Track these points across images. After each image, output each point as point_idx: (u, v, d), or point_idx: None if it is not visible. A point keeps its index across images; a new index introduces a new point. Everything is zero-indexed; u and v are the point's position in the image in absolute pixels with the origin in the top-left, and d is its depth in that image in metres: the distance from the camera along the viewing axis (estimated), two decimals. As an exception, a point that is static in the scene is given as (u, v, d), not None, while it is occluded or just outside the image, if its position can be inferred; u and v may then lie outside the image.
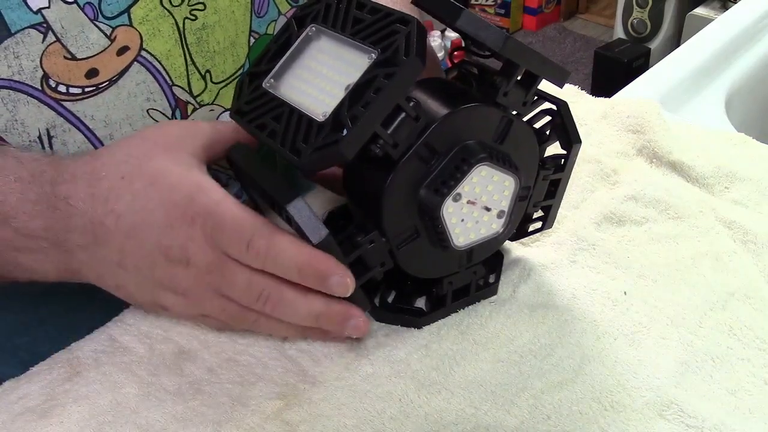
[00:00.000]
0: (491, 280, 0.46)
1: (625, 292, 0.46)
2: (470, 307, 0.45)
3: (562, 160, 0.45)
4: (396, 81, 0.35)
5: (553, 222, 0.48)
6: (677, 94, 0.71)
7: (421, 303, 0.45)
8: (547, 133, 0.44)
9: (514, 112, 0.41)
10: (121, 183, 0.38)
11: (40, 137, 0.43)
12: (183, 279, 0.38)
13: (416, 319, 0.44)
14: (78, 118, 0.44)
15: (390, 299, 0.45)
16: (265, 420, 0.38)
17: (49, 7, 0.40)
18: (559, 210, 0.48)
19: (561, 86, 0.41)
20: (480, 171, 0.38)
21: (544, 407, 0.39)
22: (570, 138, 0.44)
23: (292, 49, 0.40)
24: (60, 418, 0.38)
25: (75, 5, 0.41)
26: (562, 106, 0.44)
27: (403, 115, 0.36)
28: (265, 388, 0.40)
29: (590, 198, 0.54)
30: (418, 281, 0.44)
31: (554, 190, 0.46)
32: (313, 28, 0.40)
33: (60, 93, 0.42)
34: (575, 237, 0.50)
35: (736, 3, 0.88)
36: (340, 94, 0.36)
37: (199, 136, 0.41)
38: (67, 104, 0.43)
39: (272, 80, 0.40)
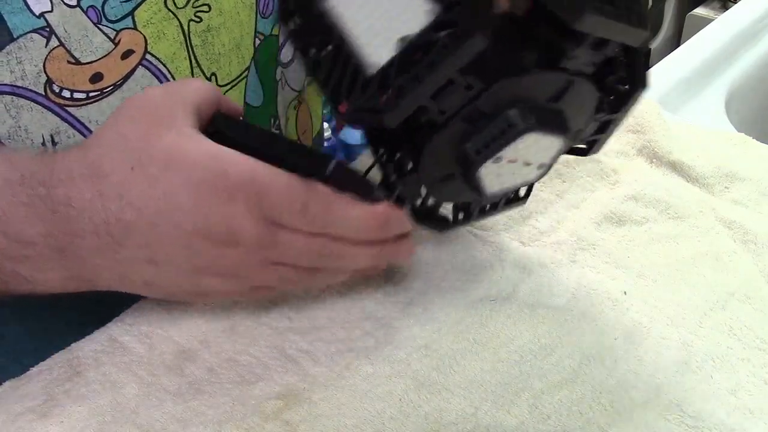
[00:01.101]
0: (522, 193, 0.45)
1: (625, 292, 0.46)
2: (470, 307, 0.45)
3: (620, 102, 0.41)
4: (455, 57, 0.32)
5: (599, 150, 0.44)
6: (677, 94, 0.71)
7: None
8: (610, 80, 0.40)
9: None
10: (132, 174, 0.36)
11: (44, 143, 0.42)
12: (230, 259, 0.37)
13: (443, 224, 0.43)
14: (82, 124, 0.43)
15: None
16: (265, 420, 0.38)
17: (52, 11, 0.40)
18: (559, 210, 0.48)
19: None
20: (526, 138, 0.36)
21: (544, 407, 0.39)
22: (635, 81, 0.39)
23: None
24: (60, 418, 0.38)
25: (78, 9, 0.40)
26: (635, 50, 0.39)
27: (453, 86, 0.34)
28: (265, 388, 0.40)
29: (590, 198, 0.54)
30: None
31: (606, 127, 0.42)
32: None
33: (64, 98, 0.42)
34: (575, 237, 0.50)
35: (736, 3, 0.88)
36: (392, 43, 0.33)
37: (188, 101, 0.38)
38: (71, 109, 0.42)
39: None
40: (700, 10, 1.87)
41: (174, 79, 0.46)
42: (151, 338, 0.43)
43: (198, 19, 0.46)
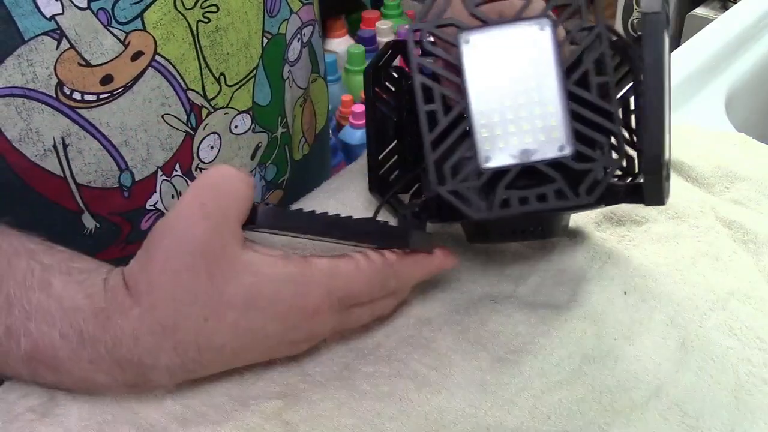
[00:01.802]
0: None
1: (625, 292, 0.46)
2: (470, 307, 0.45)
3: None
4: (562, 209, 0.38)
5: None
6: (677, 94, 0.70)
7: None
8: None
9: None
10: (207, 325, 0.35)
11: (55, 146, 0.42)
12: (305, 347, 0.40)
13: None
14: (93, 126, 0.43)
15: None
16: (265, 420, 0.38)
17: (62, 14, 0.39)
18: None
19: None
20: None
21: (544, 407, 0.39)
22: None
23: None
24: (60, 418, 0.38)
25: (89, 11, 0.40)
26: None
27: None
28: (265, 388, 0.40)
29: (590, 198, 0.54)
30: None
31: None
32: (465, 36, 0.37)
33: (75, 100, 0.42)
34: (575, 237, 0.50)
35: (736, 3, 0.88)
36: (512, 149, 0.37)
37: (232, 222, 0.35)
38: (82, 111, 0.42)
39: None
40: (700, 10, 1.87)
41: (184, 80, 0.45)
42: (151, 338, 0.43)
43: (206, 20, 0.46)
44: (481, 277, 0.47)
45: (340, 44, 1.58)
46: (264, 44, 0.51)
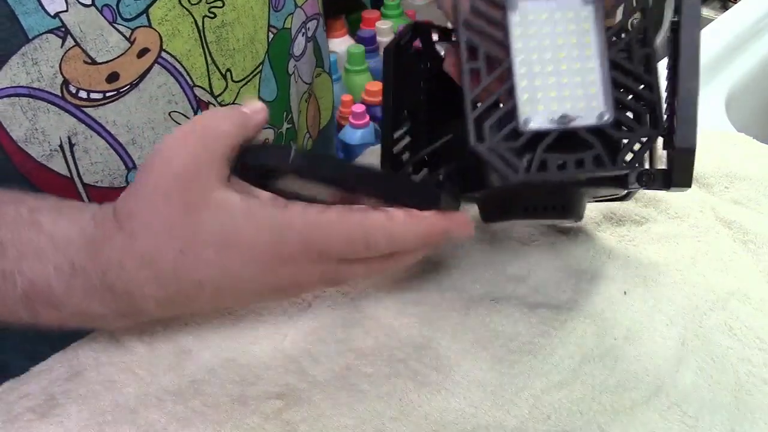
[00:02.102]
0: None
1: (625, 292, 0.46)
2: (470, 307, 0.45)
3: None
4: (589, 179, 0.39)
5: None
6: (677, 94, 0.70)
7: None
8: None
9: None
10: (184, 257, 0.35)
11: (61, 146, 0.42)
12: (293, 294, 0.41)
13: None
14: (100, 124, 0.43)
15: None
16: (265, 420, 0.38)
17: (67, 11, 0.39)
18: None
19: None
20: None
21: (544, 407, 0.39)
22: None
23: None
24: (60, 418, 0.38)
25: (93, 8, 0.40)
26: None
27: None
28: (265, 388, 0.40)
29: (590, 198, 0.54)
30: None
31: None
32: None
33: (81, 99, 0.42)
34: (575, 237, 0.50)
35: (736, 3, 0.88)
36: (550, 112, 0.36)
37: (217, 156, 0.35)
38: (88, 110, 0.42)
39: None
40: (700, 10, 1.86)
41: (190, 77, 0.45)
42: (151, 338, 0.43)
43: (212, 15, 0.45)
44: (481, 277, 0.47)
45: (340, 44, 1.57)
46: (269, 39, 0.50)
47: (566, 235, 0.50)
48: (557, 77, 0.37)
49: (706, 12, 1.83)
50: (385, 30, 1.64)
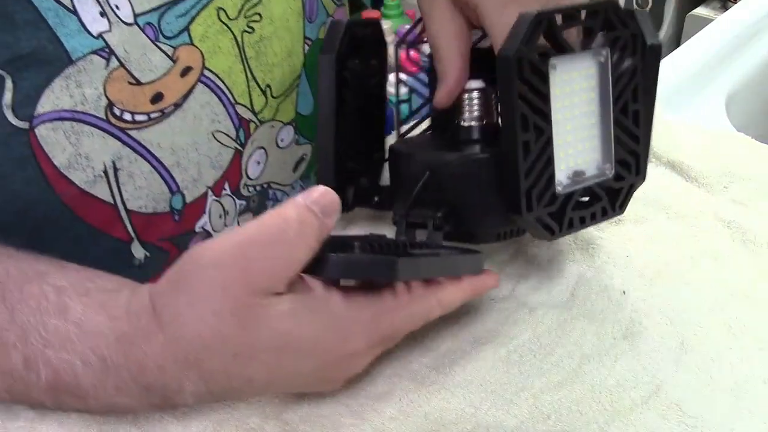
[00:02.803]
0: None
1: (624, 292, 0.46)
2: (470, 306, 0.45)
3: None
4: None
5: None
6: (677, 94, 0.71)
7: None
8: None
9: None
10: (236, 360, 0.33)
11: (105, 171, 0.40)
12: (343, 378, 0.39)
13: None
14: (144, 147, 0.41)
15: None
16: (265, 420, 0.39)
17: (110, 31, 0.38)
18: None
19: None
20: None
21: (543, 407, 0.39)
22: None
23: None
24: (60, 418, 0.38)
25: (135, 26, 0.39)
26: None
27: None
28: (265, 387, 0.40)
29: (590, 198, 0.54)
30: None
31: None
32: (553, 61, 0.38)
33: (125, 121, 0.40)
34: (574, 237, 0.50)
35: (736, 3, 0.88)
36: (570, 172, 0.40)
37: (276, 272, 0.33)
38: (132, 133, 0.41)
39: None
40: (700, 10, 1.86)
41: (232, 94, 0.44)
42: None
43: (250, 30, 0.45)
44: (480, 277, 0.47)
45: (340, 44, 1.58)
46: (305, 51, 0.50)
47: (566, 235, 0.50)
48: (573, 134, 0.40)
49: (706, 12, 1.83)
50: (385, 30, 1.63)
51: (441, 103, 0.44)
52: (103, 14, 0.38)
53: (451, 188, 0.42)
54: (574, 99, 0.39)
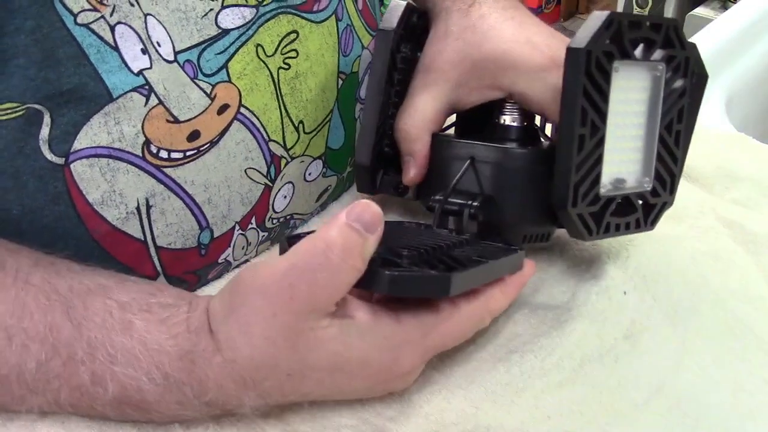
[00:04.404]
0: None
1: (625, 292, 0.46)
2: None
3: None
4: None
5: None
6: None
7: None
8: None
9: None
10: (290, 380, 0.35)
11: (138, 208, 0.40)
12: (391, 392, 0.40)
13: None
14: (179, 185, 0.41)
15: None
16: (265, 420, 0.38)
17: (150, 68, 0.38)
18: None
19: None
20: None
21: (544, 407, 0.39)
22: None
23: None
24: (60, 418, 0.38)
25: (175, 64, 0.39)
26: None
27: None
28: (265, 388, 0.40)
29: (590, 198, 0.54)
30: None
31: None
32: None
33: (161, 159, 0.40)
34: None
35: (736, 3, 0.88)
36: (613, 179, 0.41)
37: (323, 298, 0.34)
38: (167, 170, 0.40)
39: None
40: (700, 10, 1.86)
41: (266, 131, 0.44)
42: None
43: (287, 66, 0.44)
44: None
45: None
46: (339, 86, 0.49)
47: (566, 235, 0.50)
48: (620, 142, 0.41)
49: (706, 12, 1.83)
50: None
51: (415, 181, 0.48)
52: (144, 51, 0.38)
53: (491, 179, 0.43)
54: (627, 107, 0.40)
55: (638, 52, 0.40)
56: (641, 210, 0.43)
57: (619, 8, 2.35)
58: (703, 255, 0.49)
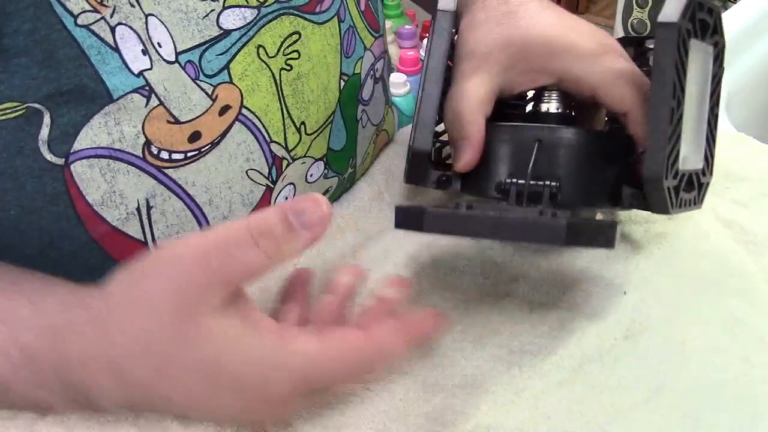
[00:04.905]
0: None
1: (625, 292, 0.46)
2: (470, 306, 0.45)
3: None
4: None
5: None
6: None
7: None
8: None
9: None
10: (159, 377, 0.32)
11: (138, 209, 0.40)
12: (268, 426, 0.37)
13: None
14: (179, 186, 0.41)
15: None
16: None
17: (151, 69, 0.38)
18: None
19: None
20: None
21: (544, 407, 0.39)
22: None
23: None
24: (60, 418, 0.38)
25: (176, 65, 0.39)
26: None
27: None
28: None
29: (590, 198, 0.54)
30: None
31: None
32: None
33: (162, 160, 0.40)
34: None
35: (736, 3, 0.88)
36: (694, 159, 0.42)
37: (220, 273, 0.32)
38: (168, 171, 0.40)
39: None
40: (700, 10, 1.86)
41: (268, 132, 0.44)
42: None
43: (288, 67, 0.44)
44: (481, 276, 0.47)
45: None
46: (341, 87, 0.49)
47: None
48: (686, 120, 0.41)
49: (706, 12, 1.83)
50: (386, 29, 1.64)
51: (470, 165, 0.44)
52: (145, 52, 0.38)
53: (560, 159, 0.42)
54: (691, 87, 0.41)
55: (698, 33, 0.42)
56: (696, 189, 0.44)
57: (619, 8, 2.35)
58: (704, 255, 0.49)
